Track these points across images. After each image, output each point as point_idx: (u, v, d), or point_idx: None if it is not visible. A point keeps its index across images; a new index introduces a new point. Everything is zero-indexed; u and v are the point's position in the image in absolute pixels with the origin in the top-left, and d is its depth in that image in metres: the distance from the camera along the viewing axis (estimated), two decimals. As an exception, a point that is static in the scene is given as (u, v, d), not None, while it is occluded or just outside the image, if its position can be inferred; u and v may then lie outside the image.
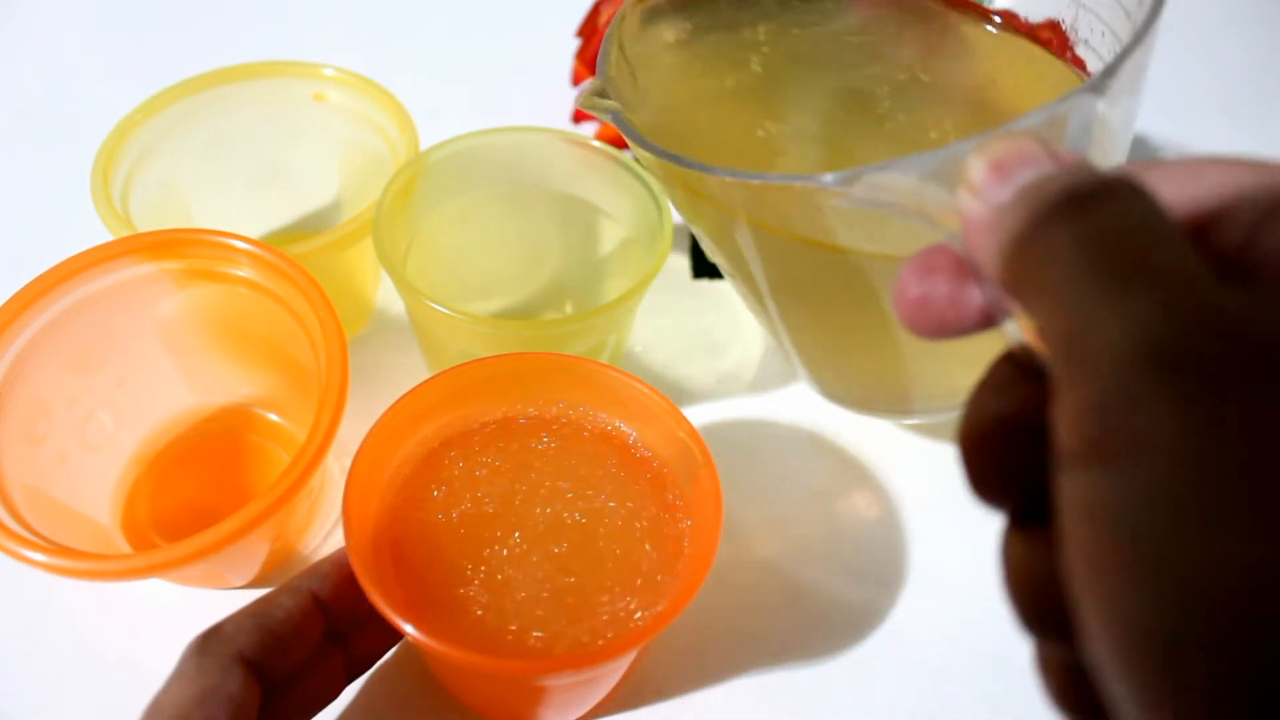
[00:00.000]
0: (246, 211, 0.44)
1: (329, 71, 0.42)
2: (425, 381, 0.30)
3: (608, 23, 0.50)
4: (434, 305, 0.33)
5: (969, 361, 0.35)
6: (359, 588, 0.26)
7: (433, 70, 0.57)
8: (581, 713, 0.32)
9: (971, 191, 0.17)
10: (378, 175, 0.39)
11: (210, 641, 0.25)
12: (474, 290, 0.42)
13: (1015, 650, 0.34)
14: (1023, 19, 0.37)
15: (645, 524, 0.29)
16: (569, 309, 0.43)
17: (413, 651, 0.32)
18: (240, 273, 0.33)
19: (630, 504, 0.29)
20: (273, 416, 0.38)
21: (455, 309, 0.33)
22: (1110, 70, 0.23)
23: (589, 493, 0.30)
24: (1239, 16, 0.62)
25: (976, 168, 0.17)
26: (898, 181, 0.20)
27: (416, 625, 0.25)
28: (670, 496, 0.30)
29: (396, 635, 0.30)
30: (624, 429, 0.31)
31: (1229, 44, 0.60)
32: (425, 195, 0.39)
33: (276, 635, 0.26)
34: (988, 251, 0.16)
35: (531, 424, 0.31)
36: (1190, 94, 0.55)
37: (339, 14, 0.61)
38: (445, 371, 0.30)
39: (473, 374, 0.31)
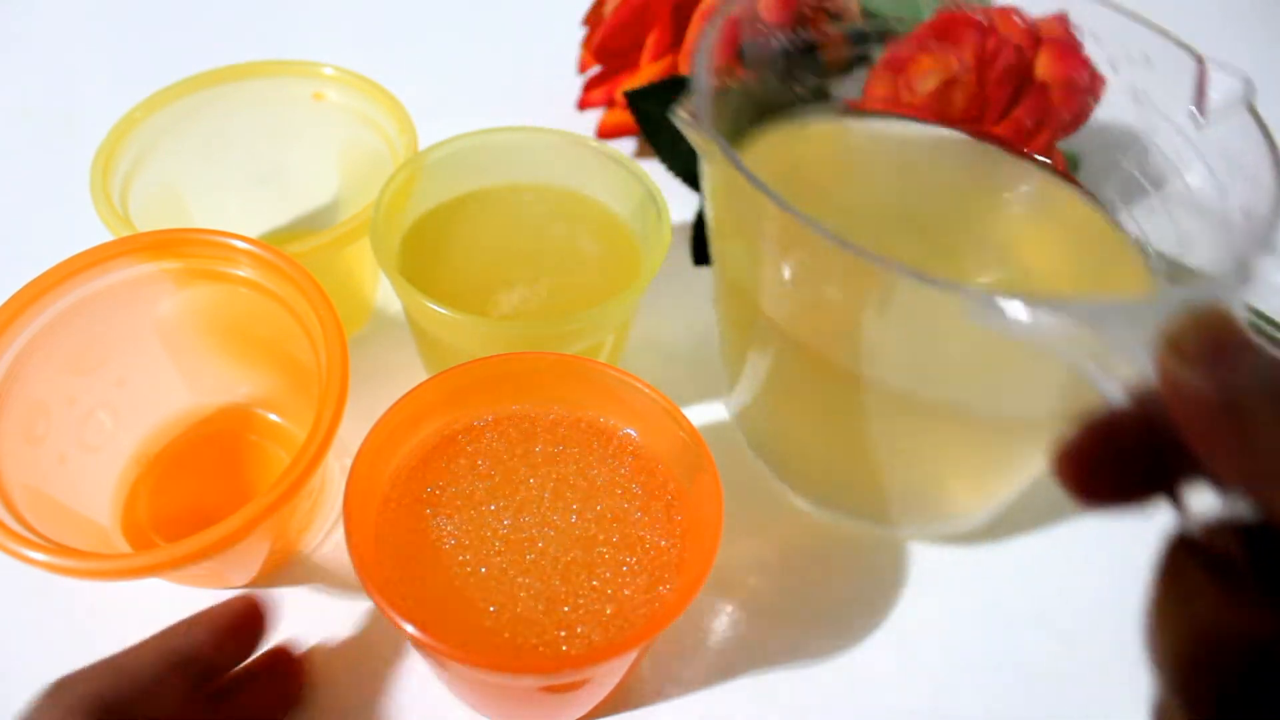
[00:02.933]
0: (246, 210, 0.44)
1: (328, 71, 0.42)
2: (425, 381, 0.30)
3: (615, 10, 0.50)
4: (432, 305, 0.33)
5: (962, 473, 0.35)
6: (237, 643, 0.26)
7: (433, 70, 0.57)
8: (582, 713, 0.32)
9: (1182, 358, 0.16)
10: (377, 174, 0.39)
11: (60, 691, 0.25)
12: (472, 290, 0.42)
13: (1015, 651, 0.34)
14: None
15: (645, 524, 0.29)
16: (567, 309, 0.43)
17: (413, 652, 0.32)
18: (240, 272, 0.33)
19: (630, 504, 0.29)
20: (273, 416, 0.38)
21: (453, 309, 0.33)
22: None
23: (589, 493, 0.30)
24: (1239, 16, 0.62)
25: (1190, 336, 0.16)
26: (1069, 320, 0.19)
27: (417, 625, 0.25)
28: (670, 497, 0.30)
29: (283, 695, 0.30)
30: (624, 429, 0.31)
31: (1229, 44, 0.60)
32: (423, 195, 0.39)
33: (132, 688, 0.26)
34: (1201, 424, 0.16)
35: (531, 424, 0.31)
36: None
37: (339, 14, 0.61)
38: (445, 371, 0.30)
39: (472, 374, 0.31)
